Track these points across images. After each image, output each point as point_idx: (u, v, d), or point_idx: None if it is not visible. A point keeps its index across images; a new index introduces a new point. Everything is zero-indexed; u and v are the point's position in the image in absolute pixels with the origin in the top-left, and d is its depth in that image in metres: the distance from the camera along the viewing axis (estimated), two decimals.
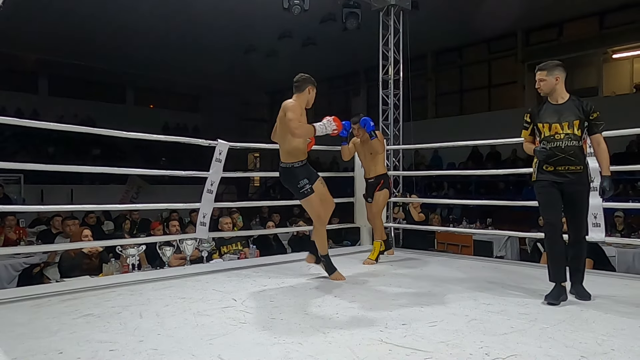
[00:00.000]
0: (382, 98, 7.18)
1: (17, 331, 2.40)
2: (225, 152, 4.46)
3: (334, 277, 3.68)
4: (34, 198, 12.13)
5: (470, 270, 4.21)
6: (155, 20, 11.43)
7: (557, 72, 3.09)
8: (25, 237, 6.58)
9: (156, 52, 13.84)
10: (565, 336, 2.31)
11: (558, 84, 3.09)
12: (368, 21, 7.73)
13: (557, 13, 11.70)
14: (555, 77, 3.08)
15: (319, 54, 13.53)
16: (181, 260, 4.58)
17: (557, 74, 3.08)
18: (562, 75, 3.10)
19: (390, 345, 2.19)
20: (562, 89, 3.11)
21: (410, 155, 11.21)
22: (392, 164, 6.89)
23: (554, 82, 3.09)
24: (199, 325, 2.49)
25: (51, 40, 12.95)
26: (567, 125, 3.04)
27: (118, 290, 3.32)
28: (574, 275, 3.10)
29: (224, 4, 10.26)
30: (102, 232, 7.23)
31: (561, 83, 3.10)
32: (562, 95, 3.11)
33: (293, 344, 2.20)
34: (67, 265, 4.39)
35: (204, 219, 4.42)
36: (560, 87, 3.10)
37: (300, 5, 7.47)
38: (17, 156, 12.08)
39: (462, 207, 10.69)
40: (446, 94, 15.05)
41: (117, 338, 2.29)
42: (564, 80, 3.11)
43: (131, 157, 14.62)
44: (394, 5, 7.04)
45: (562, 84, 3.10)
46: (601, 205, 3.91)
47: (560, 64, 3.12)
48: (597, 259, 4.86)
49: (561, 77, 3.09)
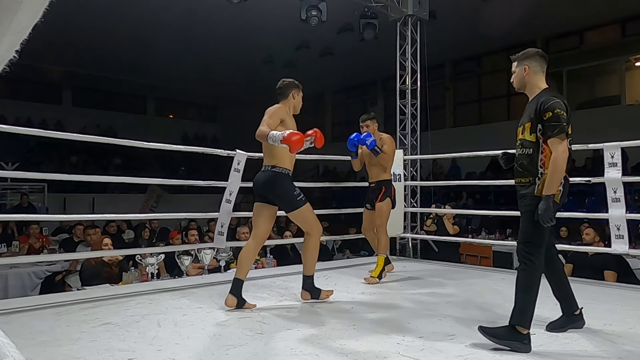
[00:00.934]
0: (400, 108, 7.16)
1: (39, 339, 2.44)
2: (244, 162, 4.50)
3: (323, 297, 3.33)
4: (57, 206, 12.37)
5: (489, 282, 4.15)
6: (175, 33, 11.65)
7: (527, 61, 2.55)
8: (48, 245, 6.70)
9: (176, 63, 14.08)
10: (588, 351, 2.26)
11: (528, 75, 2.55)
12: (385, 31, 7.75)
13: (578, 21, 11.56)
14: (523, 67, 2.56)
15: (336, 64, 13.59)
16: (199, 269, 4.62)
17: (527, 64, 2.55)
18: (532, 65, 2.54)
19: (408, 358, 2.17)
20: (534, 83, 2.55)
21: (428, 165, 11.13)
22: (409, 174, 6.85)
23: (523, 73, 2.56)
24: (216, 335, 2.50)
25: (74, 53, 13.29)
26: (521, 130, 2.54)
27: (137, 299, 3.36)
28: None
29: (242, 16, 10.40)
30: (122, 240, 7.33)
31: (533, 75, 2.55)
32: (533, 91, 2.55)
33: (310, 355, 2.20)
34: (88, 273, 4.47)
35: (222, 228, 4.45)
36: (532, 80, 2.55)
37: (317, 17, 7.53)
38: (42, 166, 12.40)
39: (481, 218, 10.55)
40: (465, 103, 14.94)
41: (135, 347, 2.31)
42: (539, 72, 2.55)
43: (151, 166, 14.84)
44: (411, 16, 7.04)
45: (535, 76, 2.55)
46: (624, 217, 3.82)
47: (536, 52, 2.59)
48: (621, 272, 4.75)
49: (531, 67, 2.54)
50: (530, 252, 2.40)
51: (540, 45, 12.66)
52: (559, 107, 2.37)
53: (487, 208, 10.49)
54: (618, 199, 3.82)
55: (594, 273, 4.57)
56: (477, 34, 11.69)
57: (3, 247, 6.07)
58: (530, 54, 2.57)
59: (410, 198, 6.61)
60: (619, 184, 3.83)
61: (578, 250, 4.86)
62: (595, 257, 4.83)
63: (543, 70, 2.56)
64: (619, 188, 3.82)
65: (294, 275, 4.41)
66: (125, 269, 4.53)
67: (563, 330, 2.55)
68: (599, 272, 4.67)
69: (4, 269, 5.37)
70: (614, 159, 3.84)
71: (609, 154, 3.87)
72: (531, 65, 2.54)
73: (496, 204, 11.74)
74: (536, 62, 2.55)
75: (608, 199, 3.88)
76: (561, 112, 2.37)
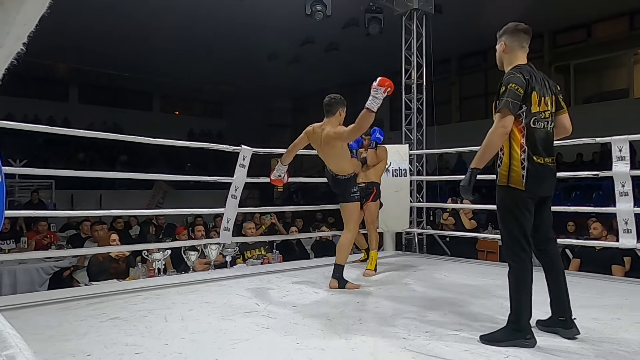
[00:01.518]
0: (405, 102, 7.14)
1: (47, 333, 2.46)
2: (249, 158, 4.51)
3: (349, 287, 3.59)
4: (64, 203, 12.45)
5: (495, 276, 4.13)
6: (180, 29, 11.65)
7: (504, 37, 2.39)
8: (56, 241, 6.75)
9: (181, 60, 14.10)
10: (595, 345, 2.25)
11: (504, 52, 2.39)
12: (391, 26, 7.72)
13: (585, 14, 11.46)
14: (501, 44, 2.40)
15: (341, 59, 13.55)
16: (205, 265, 4.63)
17: (503, 40, 2.39)
18: (508, 41, 2.37)
19: (413, 352, 2.16)
20: (509, 60, 2.37)
21: (434, 160, 11.10)
22: (415, 168, 6.83)
23: (501, 50, 2.41)
24: (222, 330, 2.51)
25: (81, 50, 13.34)
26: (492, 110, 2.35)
27: (144, 294, 3.38)
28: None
29: (247, 12, 10.39)
30: (129, 236, 7.37)
31: (510, 52, 2.37)
32: (507, 68, 2.36)
33: (316, 349, 2.20)
34: (95, 269, 4.50)
35: (227, 224, 4.46)
36: (508, 57, 2.38)
37: (322, 12, 7.51)
38: (49, 162, 12.46)
39: (487, 212, 10.50)
40: (471, 97, 14.86)
41: (142, 341, 2.33)
42: (516, 48, 2.36)
43: (157, 163, 14.89)
44: (416, 10, 7.01)
45: (512, 52, 2.36)
46: (632, 211, 3.78)
47: (515, 27, 2.38)
48: (630, 266, 4.73)
49: (507, 43, 2.37)
50: (511, 251, 2.30)
51: (547, 39, 12.57)
52: (514, 82, 2.20)
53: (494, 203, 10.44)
54: (626, 193, 3.79)
55: (602, 268, 4.55)
56: (483, 27, 11.58)
57: (12, 243, 6.13)
58: (508, 29, 2.40)
59: (416, 193, 6.60)
60: (627, 178, 3.79)
61: (586, 245, 4.84)
62: (602, 251, 4.80)
63: (522, 45, 2.37)
64: (627, 182, 3.79)
65: (300, 270, 4.42)
66: (132, 265, 4.56)
67: (549, 330, 2.41)
68: (607, 267, 4.64)
69: (12, 264, 5.43)
70: (622, 152, 3.81)
71: (617, 147, 3.84)
72: (507, 41, 2.38)
73: None
74: (513, 37, 2.37)
75: (616, 193, 3.85)
76: (515, 86, 2.19)
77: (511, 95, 2.18)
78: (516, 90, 2.19)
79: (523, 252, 2.27)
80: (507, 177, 2.29)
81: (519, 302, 2.27)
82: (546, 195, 2.38)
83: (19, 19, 0.75)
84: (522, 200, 2.26)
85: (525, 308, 2.26)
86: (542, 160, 2.28)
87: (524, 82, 2.22)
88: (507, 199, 2.31)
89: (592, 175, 4.19)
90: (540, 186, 2.30)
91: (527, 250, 2.28)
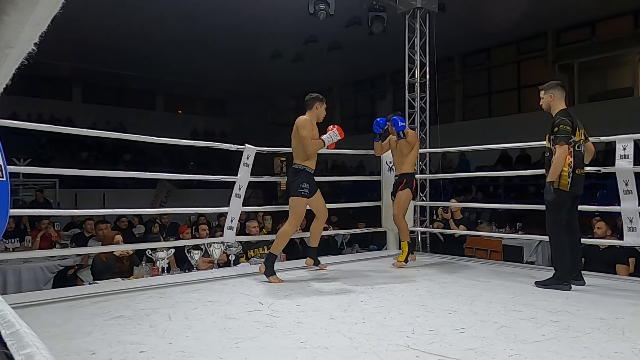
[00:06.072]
0: (409, 101, 7.12)
1: (52, 332, 2.47)
2: (253, 157, 4.51)
3: (272, 280, 3.76)
4: (68, 202, 12.48)
5: (499, 276, 4.13)
6: (183, 28, 11.65)
7: (552, 91, 3.56)
8: (60, 240, 6.78)
9: (184, 59, 14.10)
10: (600, 345, 2.24)
11: (552, 101, 3.57)
12: (394, 24, 7.70)
13: (589, 12, 11.39)
14: (549, 95, 3.57)
15: (344, 58, 13.52)
16: (209, 263, 4.64)
17: (552, 93, 3.56)
18: (556, 94, 3.54)
19: (417, 351, 2.16)
20: (555, 106, 3.55)
21: (438, 158, 11.07)
22: (419, 167, 6.82)
23: (549, 99, 3.58)
24: (226, 329, 2.51)
25: (84, 49, 13.35)
26: (546, 139, 3.58)
27: (148, 293, 3.39)
28: None
29: (250, 11, 10.39)
30: (133, 235, 7.39)
31: (556, 100, 3.55)
32: (554, 111, 3.53)
33: (319, 348, 2.20)
34: (99, 267, 4.51)
35: (231, 222, 4.47)
36: (555, 104, 3.56)
37: (326, 10, 7.48)
38: (53, 161, 12.51)
39: (491, 211, 10.49)
40: (474, 96, 14.80)
41: (146, 340, 2.33)
42: (560, 98, 3.54)
43: (160, 162, 14.92)
44: (420, 8, 6.99)
45: (557, 101, 3.55)
46: (637, 209, 3.77)
47: (557, 84, 3.59)
48: (635, 264, 4.71)
49: (555, 95, 3.54)
50: (551, 228, 3.48)
51: (551, 37, 12.51)
52: (563, 124, 3.39)
53: (497, 202, 10.43)
54: (630, 191, 3.79)
55: (606, 267, 4.53)
56: (487, 26, 11.57)
57: (16, 242, 6.15)
58: (552, 85, 3.59)
59: (420, 192, 6.59)
60: (630, 176, 3.79)
61: (590, 244, 4.82)
62: (607, 250, 4.78)
63: (563, 96, 3.56)
64: (631, 180, 3.78)
65: (303, 269, 4.42)
66: (136, 263, 4.57)
67: (546, 287, 3.44)
68: (611, 266, 4.63)
69: (17, 263, 5.44)
70: (626, 151, 3.80)
71: (621, 146, 3.83)
72: (555, 94, 3.56)
73: (506, 198, 11.67)
74: (558, 91, 3.56)
75: (620, 192, 3.85)
76: (565, 127, 3.38)
77: (564, 132, 3.36)
78: (565, 129, 3.38)
79: (559, 228, 3.47)
80: (558, 182, 3.42)
81: (559, 261, 3.47)
82: (579, 194, 3.56)
83: (32, 19, 0.76)
84: (565, 198, 3.45)
85: (563, 264, 3.43)
86: (580, 172, 3.48)
87: (570, 123, 3.40)
88: (555, 196, 3.42)
89: (594, 170, 4.18)
90: (577, 188, 3.49)
91: (561, 227, 3.48)
